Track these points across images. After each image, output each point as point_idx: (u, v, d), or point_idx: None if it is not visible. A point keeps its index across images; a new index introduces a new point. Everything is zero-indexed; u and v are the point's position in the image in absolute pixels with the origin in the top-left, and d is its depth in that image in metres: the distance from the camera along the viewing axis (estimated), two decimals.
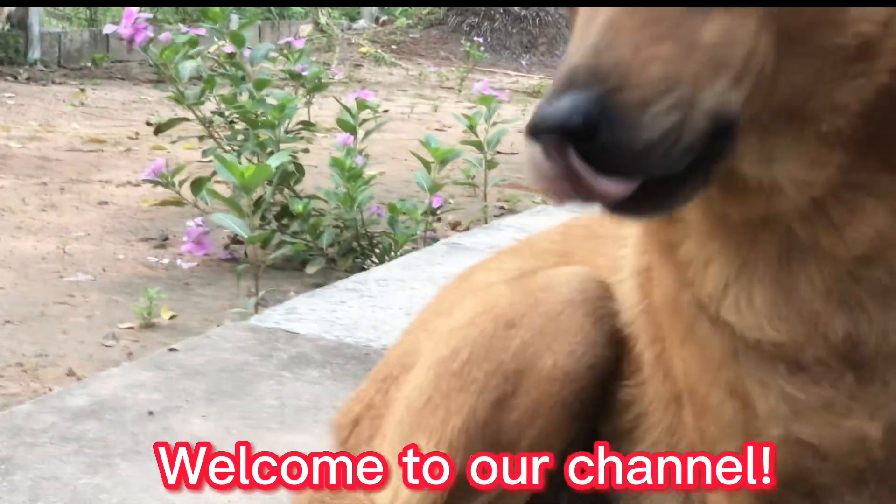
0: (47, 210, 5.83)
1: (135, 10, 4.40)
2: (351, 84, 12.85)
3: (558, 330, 1.93)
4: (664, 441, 1.92)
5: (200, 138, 5.21)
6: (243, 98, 4.90)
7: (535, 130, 1.20)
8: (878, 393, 1.54)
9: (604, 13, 1.26)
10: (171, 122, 4.93)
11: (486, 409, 1.94)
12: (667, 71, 1.22)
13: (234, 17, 5.80)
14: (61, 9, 17.71)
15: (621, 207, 1.28)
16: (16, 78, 12.15)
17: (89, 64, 13.79)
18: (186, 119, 4.92)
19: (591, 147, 1.18)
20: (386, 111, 9.93)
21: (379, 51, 17.19)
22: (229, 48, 4.94)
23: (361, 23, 19.23)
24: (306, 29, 17.55)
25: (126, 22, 4.40)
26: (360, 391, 2.30)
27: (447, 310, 2.19)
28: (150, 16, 4.46)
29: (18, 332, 3.86)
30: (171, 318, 4.09)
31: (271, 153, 4.66)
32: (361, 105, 5.08)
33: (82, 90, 11.41)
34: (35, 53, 13.74)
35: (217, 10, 4.73)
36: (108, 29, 4.81)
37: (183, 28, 5.36)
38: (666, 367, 1.84)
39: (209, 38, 5.59)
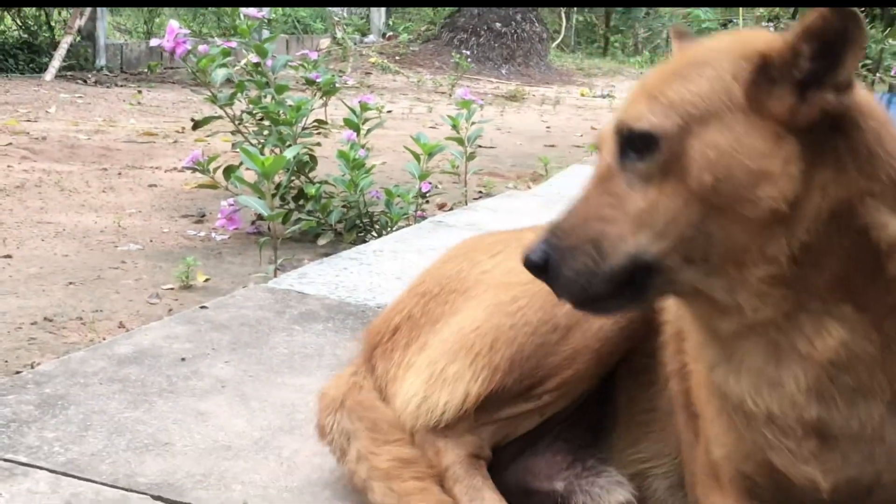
0: (106, 191, 5.82)
1: (176, 25, 4.38)
2: (362, 89, 12.83)
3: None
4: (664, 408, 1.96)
5: (233, 133, 5.20)
6: (267, 100, 4.89)
7: (526, 263, 1.54)
8: (834, 460, 1.55)
9: (583, 189, 1.55)
10: (207, 120, 4.92)
11: (533, 348, 1.96)
12: (596, 230, 1.49)
13: (266, 32, 5.78)
14: (123, 24, 17.62)
15: (580, 308, 1.60)
16: (85, 82, 12.12)
17: (146, 70, 13.76)
18: (220, 117, 4.91)
19: (547, 276, 1.52)
20: (389, 112, 9.92)
21: (385, 61, 17.13)
22: (255, 58, 4.91)
23: (371, 38, 19.15)
24: (325, 42, 17.48)
25: (168, 36, 4.38)
26: (398, 302, 2.25)
27: (493, 249, 2.16)
28: (188, 31, 4.44)
29: (79, 292, 3.86)
30: (206, 281, 4.09)
31: (289, 146, 4.65)
32: (364, 107, 5.08)
33: (139, 92, 11.37)
34: (101, 61, 13.69)
35: (245, 27, 4.71)
36: (153, 42, 4.78)
37: (219, 41, 5.32)
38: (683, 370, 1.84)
39: (240, 51, 5.60)
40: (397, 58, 17.63)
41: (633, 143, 1.48)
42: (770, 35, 1.49)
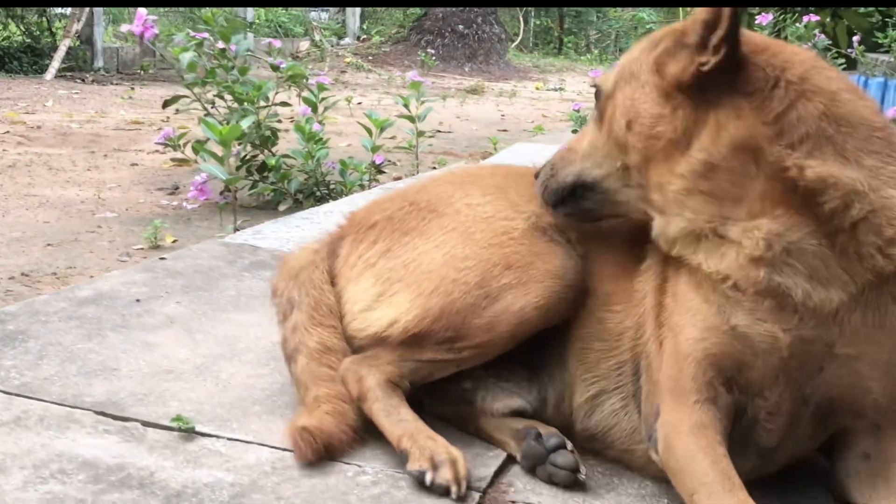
0: (91, 170, 5.77)
1: (144, 11, 4.34)
2: (337, 84, 12.76)
3: (532, 289, 1.95)
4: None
5: (206, 115, 5.16)
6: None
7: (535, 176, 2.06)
8: (791, 320, 1.66)
9: (569, 142, 1.99)
10: (175, 99, 4.88)
11: (463, 305, 1.96)
12: (560, 161, 1.97)
13: (250, 35, 5.76)
14: (121, 33, 17.45)
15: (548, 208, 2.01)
16: (83, 81, 12.01)
17: (139, 70, 13.63)
18: (186, 96, 4.87)
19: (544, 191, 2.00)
20: (359, 103, 9.91)
21: (359, 61, 17.05)
22: (222, 45, 4.87)
23: (347, 40, 19.03)
24: (305, 45, 17.38)
25: (137, 22, 4.35)
26: (386, 200, 2.24)
27: (488, 189, 2.14)
28: (156, 18, 4.40)
29: (56, 252, 3.84)
30: (173, 241, 4.06)
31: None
32: (321, 87, 5.06)
33: (132, 88, 11.29)
34: (99, 63, 13.55)
35: (209, 14, 4.67)
36: (123, 28, 4.73)
37: (192, 33, 5.27)
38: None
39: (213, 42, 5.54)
40: (370, 58, 17.55)
41: (595, 96, 1.89)
42: (681, 24, 1.78)
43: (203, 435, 2.03)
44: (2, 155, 6.06)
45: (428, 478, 1.81)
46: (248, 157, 4.87)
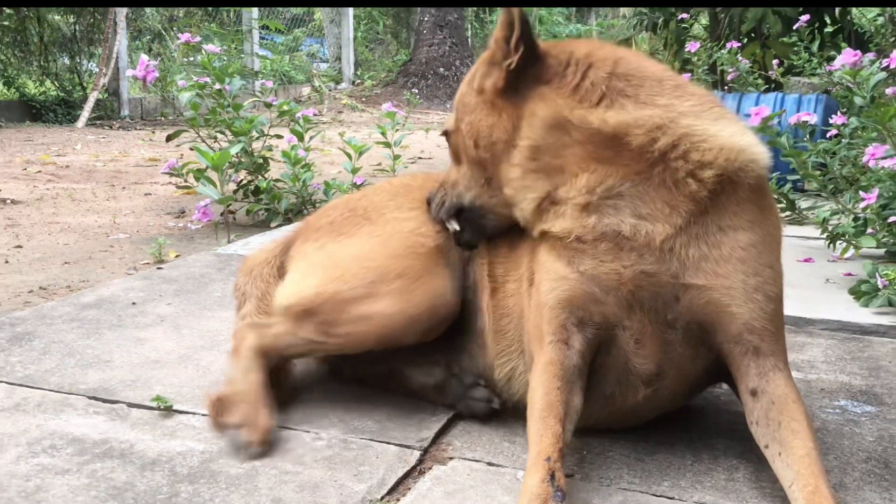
0: (109, 200, 5.74)
1: (146, 58, 4.35)
2: (334, 123, 12.81)
3: (410, 300, 1.94)
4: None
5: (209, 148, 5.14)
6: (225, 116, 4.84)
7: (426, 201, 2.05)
8: (630, 258, 1.67)
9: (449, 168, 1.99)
10: (177, 133, 4.88)
11: (350, 296, 1.95)
12: (439, 188, 1.99)
13: (269, 83, 5.78)
14: (142, 83, 17.44)
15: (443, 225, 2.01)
16: (110, 127, 11.98)
17: (160, 117, 13.65)
18: (186, 130, 4.87)
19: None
20: (352, 138, 9.93)
21: (353, 102, 17.05)
22: (218, 86, 4.88)
23: (343, 85, 19.06)
24: (306, 90, 17.41)
25: (140, 67, 4.36)
26: (331, 208, 2.22)
27: (415, 203, 2.12)
28: (157, 63, 4.40)
29: (72, 268, 3.82)
30: (176, 257, 4.03)
31: (244, 150, 4.63)
32: (306, 119, 5.06)
33: (153, 132, 11.28)
34: (125, 111, 13.55)
35: (207, 59, 4.67)
36: (128, 73, 4.73)
37: (195, 78, 5.27)
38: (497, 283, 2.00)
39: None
40: (363, 99, 17.57)
41: (447, 140, 1.96)
42: (487, 52, 1.86)
43: (180, 412, 2.03)
44: (32, 190, 6.05)
45: (223, 420, 1.82)
46: (243, 182, 4.87)
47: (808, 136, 3.66)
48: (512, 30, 1.74)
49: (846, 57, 3.27)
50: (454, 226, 1.96)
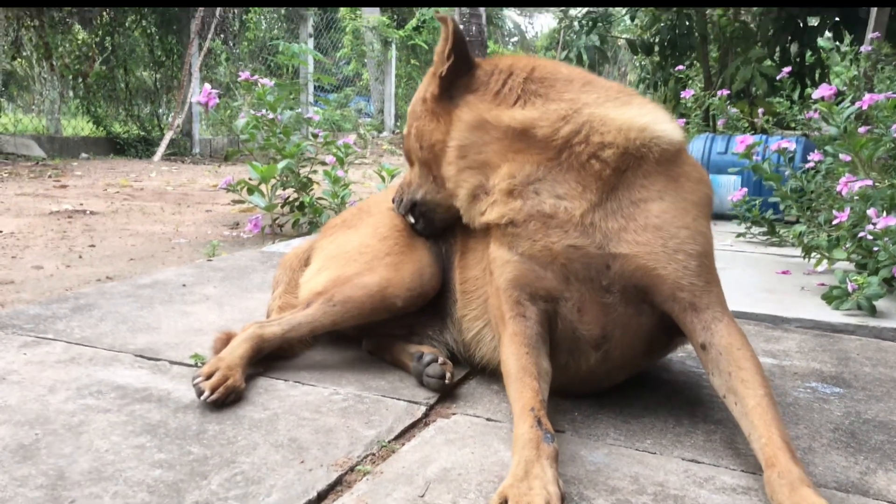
0: (175, 214, 5.76)
1: (208, 87, 4.37)
2: (374, 164, 12.86)
3: (401, 269, 1.98)
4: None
5: None
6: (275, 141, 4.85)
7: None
8: (558, 234, 1.63)
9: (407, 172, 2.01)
10: (233, 153, 4.89)
11: (351, 272, 1.99)
12: (399, 188, 2.02)
13: (289, 110, 5.80)
14: (212, 123, 17.65)
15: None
16: (183, 161, 12.10)
17: (226, 154, 13.80)
18: (241, 152, 4.87)
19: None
20: (386, 163, 9.96)
21: (393, 147, 17.19)
22: (271, 115, 4.89)
23: (385, 133, 19.23)
24: (353, 137, 17.58)
25: (203, 94, 4.38)
26: (348, 211, 2.31)
27: (387, 197, 2.18)
28: (220, 92, 4.41)
29: (136, 263, 3.80)
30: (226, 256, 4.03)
31: (291, 170, 4.63)
32: (346, 147, 5.06)
33: (219, 166, 11.37)
34: (196, 149, 13.69)
35: (261, 91, 4.68)
36: (193, 98, 4.76)
37: (252, 111, 5.29)
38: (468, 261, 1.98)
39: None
40: (401, 145, 17.71)
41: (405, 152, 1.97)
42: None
43: None
44: (110, 205, 6.09)
45: (197, 380, 1.75)
46: (290, 198, 4.86)
47: (787, 162, 3.57)
48: (447, 40, 1.76)
49: (823, 90, 3.20)
50: (410, 219, 2.02)
